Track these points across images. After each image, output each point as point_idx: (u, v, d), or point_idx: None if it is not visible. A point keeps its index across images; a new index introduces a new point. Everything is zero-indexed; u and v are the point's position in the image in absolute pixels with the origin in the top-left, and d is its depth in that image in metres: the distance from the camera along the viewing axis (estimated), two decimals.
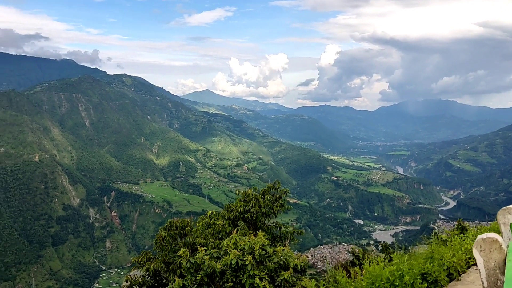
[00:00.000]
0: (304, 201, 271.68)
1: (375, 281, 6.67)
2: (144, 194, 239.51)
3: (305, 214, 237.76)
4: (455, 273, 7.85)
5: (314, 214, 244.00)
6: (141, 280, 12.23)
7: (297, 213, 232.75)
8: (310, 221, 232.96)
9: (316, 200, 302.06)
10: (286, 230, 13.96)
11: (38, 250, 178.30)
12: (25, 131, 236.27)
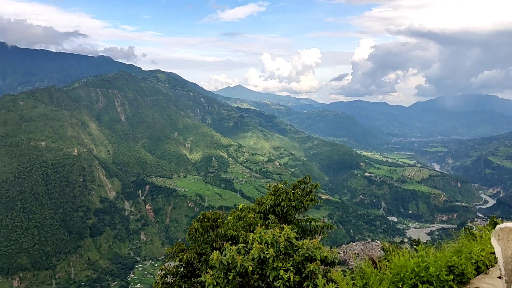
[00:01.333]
0: (336, 197, 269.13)
1: (400, 271, 6.69)
2: (177, 188, 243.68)
3: (337, 210, 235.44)
4: (483, 267, 7.77)
5: (346, 211, 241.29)
6: (175, 269, 12.61)
7: (329, 209, 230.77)
8: (342, 218, 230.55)
9: (348, 197, 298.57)
10: (316, 224, 13.90)
11: (77, 241, 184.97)
12: (65, 126, 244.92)
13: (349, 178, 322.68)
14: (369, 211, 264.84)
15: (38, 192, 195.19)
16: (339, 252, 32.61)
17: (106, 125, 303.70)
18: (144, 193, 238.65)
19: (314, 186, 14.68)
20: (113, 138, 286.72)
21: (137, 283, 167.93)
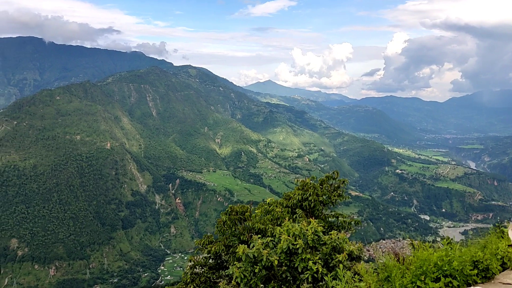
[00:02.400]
0: (366, 194, 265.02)
1: (423, 265, 6.65)
2: (207, 182, 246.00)
3: (367, 207, 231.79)
4: (508, 263, 7.69)
5: (376, 208, 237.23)
6: (203, 261, 12.99)
7: (359, 206, 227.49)
8: (372, 215, 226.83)
9: (379, 194, 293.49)
10: (344, 220, 13.67)
11: (110, 232, 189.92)
12: (98, 120, 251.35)
13: (379, 175, 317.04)
14: (400, 209, 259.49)
15: (73, 184, 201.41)
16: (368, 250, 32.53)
17: (138, 119, 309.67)
18: (174, 187, 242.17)
19: (342, 181, 14.59)
20: (144, 132, 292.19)
21: (167, 275, 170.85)
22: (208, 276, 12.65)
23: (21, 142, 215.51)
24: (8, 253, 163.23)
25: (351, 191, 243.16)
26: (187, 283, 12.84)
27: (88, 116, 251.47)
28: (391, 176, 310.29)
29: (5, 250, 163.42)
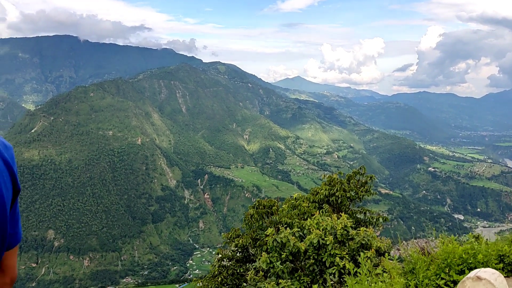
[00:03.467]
0: (397, 192, 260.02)
1: (448, 257, 6.63)
2: (235, 178, 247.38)
3: (397, 206, 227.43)
4: None
5: (407, 206, 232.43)
6: (231, 254, 13.22)
7: (389, 204, 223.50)
8: (403, 213, 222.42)
9: (410, 192, 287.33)
10: (371, 216, 13.50)
11: (140, 226, 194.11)
12: (130, 116, 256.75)
13: (411, 172, 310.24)
14: (432, 207, 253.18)
15: (106, 178, 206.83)
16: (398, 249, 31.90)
17: (168, 115, 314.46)
18: (203, 182, 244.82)
19: (370, 177, 14.38)
20: (174, 128, 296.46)
21: (195, 269, 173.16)
22: (235, 269, 12.88)
23: (57, 137, 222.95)
24: (45, 244, 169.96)
25: (381, 189, 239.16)
26: (215, 275, 13.09)
27: (120, 112, 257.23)
28: (423, 174, 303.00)
29: (43, 241, 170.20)
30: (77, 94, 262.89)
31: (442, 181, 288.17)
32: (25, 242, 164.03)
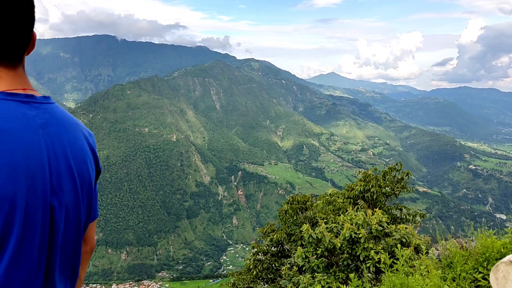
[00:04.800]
0: (435, 191, 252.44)
1: (486, 252, 6.48)
2: (268, 175, 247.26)
3: (436, 204, 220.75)
4: None
5: (446, 205, 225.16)
6: (266, 248, 13.29)
7: (427, 203, 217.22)
8: (442, 212, 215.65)
9: (449, 190, 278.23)
10: (408, 212, 13.00)
11: (175, 221, 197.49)
12: (165, 113, 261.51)
13: (450, 170, 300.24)
14: (473, 206, 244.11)
15: (142, 174, 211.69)
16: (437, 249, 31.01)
17: (202, 112, 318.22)
18: (236, 179, 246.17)
19: (406, 173, 13.83)
20: (208, 125, 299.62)
21: (229, 264, 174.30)
22: (270, 263, 13.00)
23: (96, 134, 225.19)
24: None
25: (418, 187, 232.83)
26: (250, 269, 13.17)
27: (155, 109, 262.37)
28: (464, 172, 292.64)
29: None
30: (114, 92, 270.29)
31: (484, 179, 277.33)
32: None
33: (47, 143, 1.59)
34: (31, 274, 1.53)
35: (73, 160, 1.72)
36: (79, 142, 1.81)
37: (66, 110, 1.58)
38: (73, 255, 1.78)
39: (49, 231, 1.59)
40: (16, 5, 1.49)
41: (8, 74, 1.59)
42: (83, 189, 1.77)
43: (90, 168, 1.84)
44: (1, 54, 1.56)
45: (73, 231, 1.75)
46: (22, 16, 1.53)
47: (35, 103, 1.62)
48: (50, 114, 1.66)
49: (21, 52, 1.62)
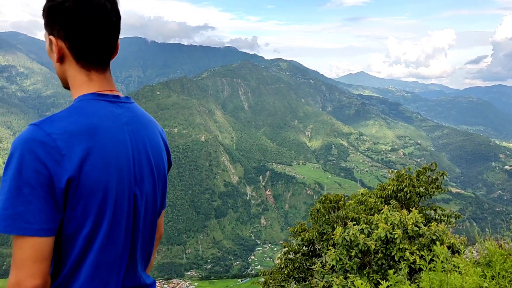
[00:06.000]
0: (469, 192, 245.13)
1: None
2: (296, 175, 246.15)
3: (469, 206, 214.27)
4: None
5: (481, 207, 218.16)
6: (297, 247, 13.19)
7: (460, 204, 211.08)
8: (476, 214, 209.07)
9: (484, 191, 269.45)
10: (443, 213, 12.60)
11: (204, 221, 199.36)
12: (194, 114, 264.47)
13: (485, 171, 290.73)
14: (509, 208, 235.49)
15: (171, 174, 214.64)
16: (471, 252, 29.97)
17: (230, 113, 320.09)
18: (264, 179, 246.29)
19: (441, 174, 13.37)
20: (236, 125, 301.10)
21: (257, 264, 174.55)
22: (301, 262, 12.84)
23: None
24: None
25: (451, 188, 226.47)
26: (282, 268, 13.09)
27: (184, 110, 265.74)
28: (499, 173, 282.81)
29: None
30: (144, 93, 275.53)
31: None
32: None
33: (130, 138, 1.82)
34: (118, 254, 1.74)
35: (152, 154, 1.94)
36: (156, 137, 2.04)
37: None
38: (149, 240, 2.02)
39: (132, 217, 1.81)
40: (108, 19, 1.75)
41: (98, 77, 1.80)
42: (159, 180, 1.99)
43: (164, 161, 2.07)
44: (95, 60, 1.81)
45: (150, 218, 1.96)
46: (113, 28, 1.82)
47: (120, 103, 1.89)
48: (132, 112, 1.92)
49: (110, 58, 1.90)
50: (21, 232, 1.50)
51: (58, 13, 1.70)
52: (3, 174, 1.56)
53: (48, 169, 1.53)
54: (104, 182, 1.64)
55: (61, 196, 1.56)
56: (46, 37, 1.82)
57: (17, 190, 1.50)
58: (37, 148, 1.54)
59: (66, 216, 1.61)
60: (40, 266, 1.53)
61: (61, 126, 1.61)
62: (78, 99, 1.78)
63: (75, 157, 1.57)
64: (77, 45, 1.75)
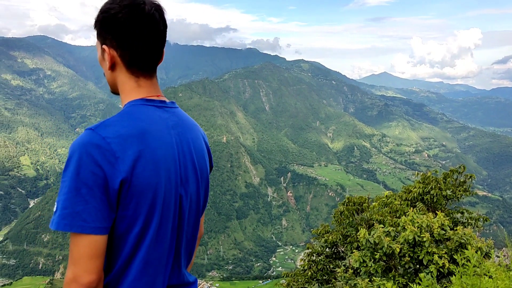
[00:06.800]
0: (496, 195, 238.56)
1: None
2: (318, 177, 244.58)
3: (497, 209, 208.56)
4: None
5: (508, 210, 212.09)
6: (320, 249, 13.20)
7: (487, 207, 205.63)
8: (504, 218, 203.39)
9: (511, 194, 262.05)
10: (470, 216, 12.24)
11: (225, 222, 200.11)
12: (216, 115, 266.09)
13: None
14: None
15: None
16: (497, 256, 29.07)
17: (251, 114, 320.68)
18: (286, 180, 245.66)
19: (469, 176, 12.98)
20: (258, 126, 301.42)
21: (278, 266, 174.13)
22: (325, 264, 12.85)
23: None
24: None
25: (477, 191, 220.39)
26: (305, 270, 13.09)
27: (206, 111, 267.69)
28: None
29: None
30: (167, 95, 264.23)
31: None
32: None
33: (176, 141, 1.94)
34: (165, 253, 1.85)
35: (195, 156, 2.04)
36: (199, 140, 2.16)
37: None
38: (192, 239, 2.11)
39: (178, 217, 1.92)
40: (157, 28, 1.92)
41: (146, 83, 2.00)
42: (202, 181, 2.09)
43: (207, 163, 2.17)
44: (144, 67, 1.97)
45: (193, 218, 2.07)
46: (161, 36, 1.98)
47: (166, 107, 2.06)
48: (177, 117, 2.09)
49: (157, 64, 2.07)
50: (79, 230, 1.61)
51: (111, 24, 1.84)
52: (62, 175, 1.68)
53: (103, 171, 1.64)
54: (153, 183, 1.74)
55: (114, 197, 1.67)
56: (98, 47, 1.96)
57: (76, 191, 1.61)
58: (94, 151, 1.64)
59: (118, 215, 1.72)
60: (95, 262, 1.64)
61: (114, 130, 1.71)
62: (128, 104, 1.91)
63: (127, 159, 1.68)
64: (128, 53, 1.89)
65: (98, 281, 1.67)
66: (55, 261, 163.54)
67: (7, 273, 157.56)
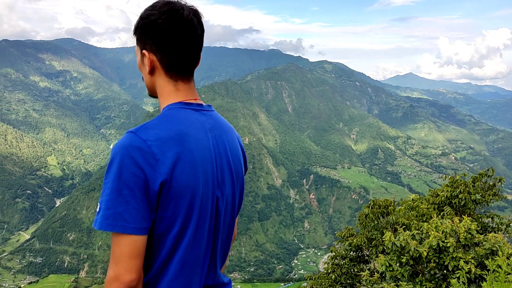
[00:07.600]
0: None
1: None
2: (341, 179, 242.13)
3: None
4: None
5: None
6: (344, 253, 12.91)
7: None
8: None
9: None
10: (501, 222, 11.77)
11: (247, 223, 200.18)
12: (238, 116, 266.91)
13: None
14: None
15: None
16: None
17: (274, 115, 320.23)
18: (308, 182, 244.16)
19: (499, 179, 12.48)
20: (280, 128, 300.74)
21: (300, 269, 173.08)
22: (349, 268, 12.51)
23: None
24: None
25: (507, 195, 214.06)
26: (328, 273, 12.79)
27: (229, 112, 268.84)
28: None
29: None
30: None
31: None
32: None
33: (213, 143, 1.98)
34: (202, 253, 1.91)
35: (231, 158, 2.09)
36: (235, 143, 2.21)
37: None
38: (227, 240, 2.20)
39: (214, 218, 1.97)
40: (195, 33, 1.99)
41: (184, 87, 2.03)
42: (237, 183, 2.16)
43: (242, 165, 2.24)
44: (182, 71, 2.00)
45: (229, 220, 2.14)
46: (198, 41, 2.04)
47: (203, 111, 2.09)
48: (214, 120, 2.12)
49: (194, 68, 2.08)
50: (121, 230, 1.68)
51: (151, 30, 1.92)
52: (104, 177, 1.76)
53: (144, 173, 1.70)
54: (192, 185, 1.80)
55: (154, 198, 1.73)
56: (137, 52, 2.06)
57: (118, 192, 1.68)
58: (135, 153, 1.71)
59: (157, 216, 1.78)
60: (136, 262, 1.71)
61: (154, 133, 1.77)
62: (167, 107, 1.96)
63: (167, 161, 1.74)
64: (168, 57, 1.94)
65: (138, 280, 1.73)
66: (80, 260, 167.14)
67: (34, 271, 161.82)
